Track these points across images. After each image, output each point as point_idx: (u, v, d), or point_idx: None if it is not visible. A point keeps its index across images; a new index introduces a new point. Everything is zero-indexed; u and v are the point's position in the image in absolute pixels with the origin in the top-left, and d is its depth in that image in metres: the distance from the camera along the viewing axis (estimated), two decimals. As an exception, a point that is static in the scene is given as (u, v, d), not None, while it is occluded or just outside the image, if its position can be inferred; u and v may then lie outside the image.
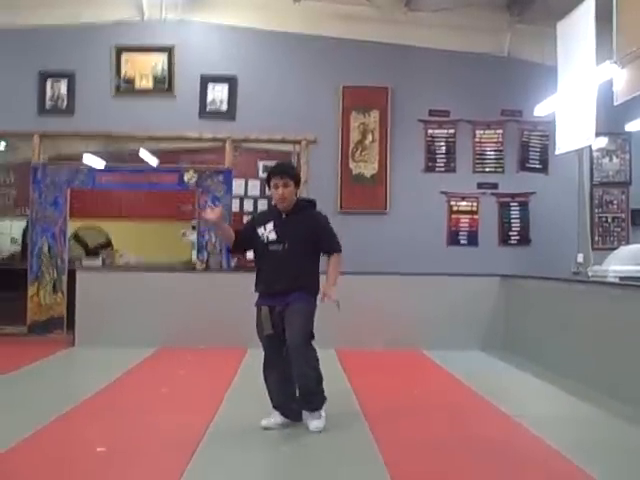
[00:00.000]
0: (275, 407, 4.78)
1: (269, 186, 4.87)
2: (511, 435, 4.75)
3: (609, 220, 10.19)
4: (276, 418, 4.75)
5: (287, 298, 4.67)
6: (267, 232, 4.77)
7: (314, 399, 4.74)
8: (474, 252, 9.90)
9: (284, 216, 4.83)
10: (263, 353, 4.80)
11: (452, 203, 10.02)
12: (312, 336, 4.72)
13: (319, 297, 4.77)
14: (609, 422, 5.11)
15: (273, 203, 5.01)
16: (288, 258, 4.71)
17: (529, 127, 10.07)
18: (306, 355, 4.66)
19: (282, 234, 4.74)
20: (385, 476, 3.83)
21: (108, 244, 11.90)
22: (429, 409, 5.40)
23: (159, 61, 9.84)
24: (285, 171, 4.88)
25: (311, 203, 5.03)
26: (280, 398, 4.77)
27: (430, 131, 10.04)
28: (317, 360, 4.74)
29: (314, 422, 4.69)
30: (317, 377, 4.74)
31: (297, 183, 4.88)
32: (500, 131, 10.07)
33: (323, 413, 4.75)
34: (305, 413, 4.79)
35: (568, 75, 7.70)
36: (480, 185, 10.04)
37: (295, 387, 4.78)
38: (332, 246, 4.89)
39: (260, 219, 4.93)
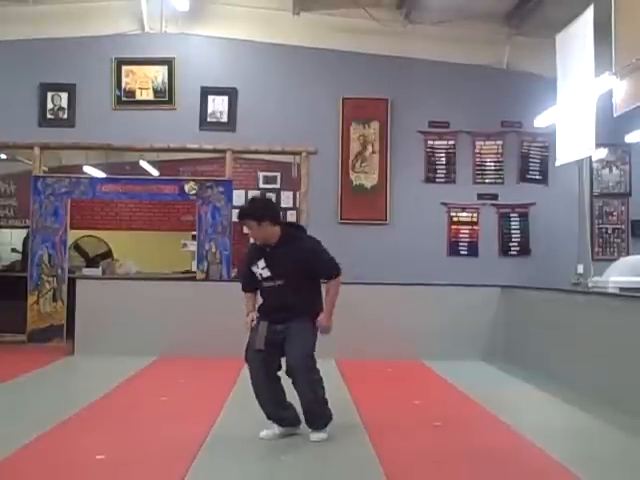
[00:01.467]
0: (269, 418, 4.74)
1: None
2: (511, 446, 4.73)
3: (609, 231, 10.20)
4: (274, 429, 4.71)
5: (289, 321, 4.64)
6: (260, 269, 4.68)
7: (316, 420, 4.71)
8: (474, 263, 9.90)
9: (268, 250, 4.69)
10: (249, 368, 4.74)
11: (452, 214, 10.04)
12: (312, 357, 4.69)
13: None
14: (609, 433, 5.09)
15: None
16: (283, 292, 4.64)
17: (529, 138, 10.09)
18: (306, 377, 4.63)
19: (273, 270, 4.64)
20: (385, 485, 3.82)
21: (108, 254, 11.92)
22: (430, 420, 5.38)
23: (159, 73, 9.89)
24: (244, 214, 4.71)
25: (299, 230, 4.89)
26: (270, 408, 4.72)
27: (430, 142, 10.06)
28: (319, 381, 4.71)
29: (316, 434, 4.65)
30: (317, 399, 4.69)
31: (263, 219, 4.60)
32: (500, 142, 10.10)
33: (325, 434, 4.68)
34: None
35: (567, 87, 7.72)
36: (480, 196, 10.06)
37: (284, 396, 4.76)
38: (330, 271, 4.76)
39: (252, 256, 4.78)
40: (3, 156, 10.98)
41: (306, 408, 4.70)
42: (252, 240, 4.77)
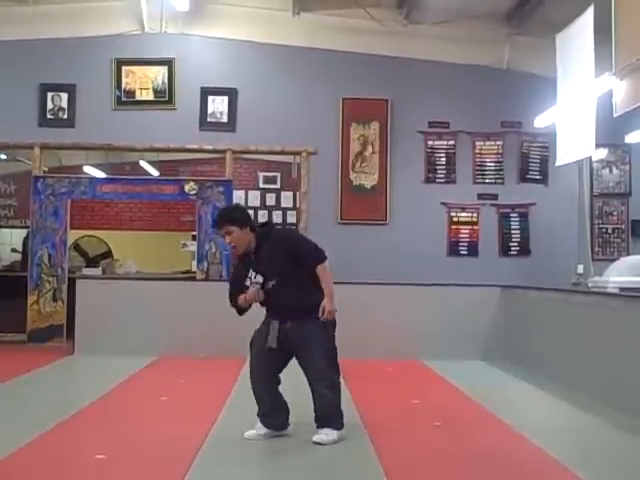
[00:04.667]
0: (262, 415, 4.70)
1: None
2: (511, 445, 4.73)
3: (609, 231, 10.20)
4: (259, 430, 4.68)
5: (297, 319, 4.62)
6: (255, 279, 4.63)
7: (327, 422, 4.65)
8: (474, 263, 9.90)
9: (252, 257, 4.68)
10: (250, 362, 4.74)
11: (452, 214, 10.04)
12: (336, 363, 4.71)
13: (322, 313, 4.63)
14: (609, 432, 5.10)
15: None
16: (279, 293, 4.61)
17: (529, 138, 10.09)
18: (329, 379, 4.64)
19: (263, 274, 4.60)
20: (385, 485, 3.81)
21: (108, 254, 11.94)
22: (430, 419, 5.38)
23: (159, 74, 9.89)
24: (228, 219, 4.65)
25: (267, 226, 4.89)
26: (268, 407, 4.70)
27: (430, 142, 10.06)
28: (339, 386, 4.72)
29: (320, 436, 4.58)
30: (336, 403, 4.69)
31: (241, 224, 4.61)
32: (500, 142, 10.10)
33: (335, 434, 4.60)
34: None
35: (567, 87, 7.73)
36: (480, 196, 10.06)
37: (282, 397, 4.75)
38: (315, 257, 4.67)
39: (240, 272, 4.74)
40: (3, 156, 10.99)
41: (322, 411, 4.66)
42: (231, 247, 4.76)
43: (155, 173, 11.58)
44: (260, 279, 4.62)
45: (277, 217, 10.54)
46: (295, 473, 4.15)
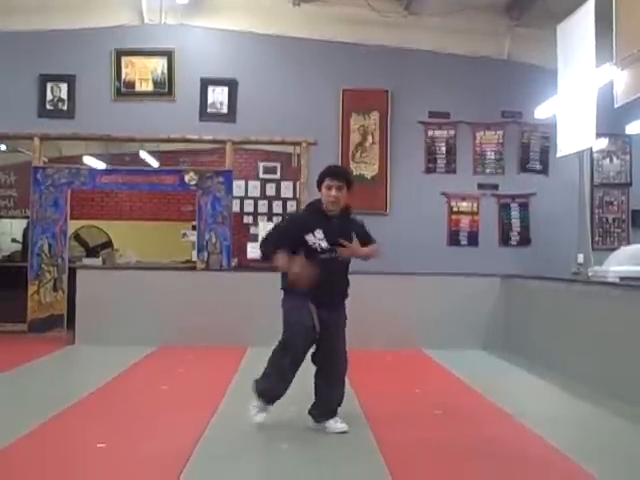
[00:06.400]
0: (272, 399, 4.68)
1: (320, 187, 4.67)
2: (512, 435, 4.74)
3: (609, 221, 10.21)
4: (266, 411, 4.69)
5: (332, 308, 4.65)
6: (318, 240, 4.54)
7: (335, 412, 4.71)
8: (474, 252, 9.90)
9: (334, 220, 4.62)
10: (292, 341, 4.57)
11: (452, 204, 10.04)
12: None
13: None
14: (609, 421, 5.11)
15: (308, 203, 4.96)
16: (338, 268, 4.62)
17: (529, 129, 10.08)
18: (345, 377, 4.75)
19: (333, 242, 4.54)
20: (386, 476, 3.82)
21: (109, 244, 11.95)
22: (430, 408, 5.40)
23: (159, 65, 9.87)
24: (340, 173, 4.76)
25: (349, 208, 4.85)
26: (282, 393, 4.67)
27: (430, 133, 10.05)
28: None
29: (339, 424, 4.63)
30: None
31: (349, 187, 4.68)
32: (500, 132, 10.09)
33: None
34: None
35: (568, 77, 7.72)
36: (480, 186, 10.06)
37: None
38: (371, 240, 4.84)
39: (306, 224, 4.60)
40: (3, 147, 10.98)
41: (337, 404, 4.70)
42: (331, 199, 4.59)
43: (155, 164, 11.57)
44: (325, 244, 4.54)
45: (277, 207, 10.51)
46: (296, 462, 4.15)
